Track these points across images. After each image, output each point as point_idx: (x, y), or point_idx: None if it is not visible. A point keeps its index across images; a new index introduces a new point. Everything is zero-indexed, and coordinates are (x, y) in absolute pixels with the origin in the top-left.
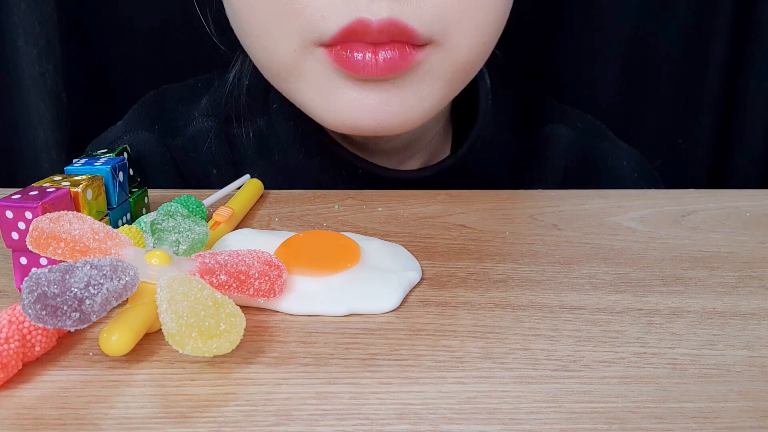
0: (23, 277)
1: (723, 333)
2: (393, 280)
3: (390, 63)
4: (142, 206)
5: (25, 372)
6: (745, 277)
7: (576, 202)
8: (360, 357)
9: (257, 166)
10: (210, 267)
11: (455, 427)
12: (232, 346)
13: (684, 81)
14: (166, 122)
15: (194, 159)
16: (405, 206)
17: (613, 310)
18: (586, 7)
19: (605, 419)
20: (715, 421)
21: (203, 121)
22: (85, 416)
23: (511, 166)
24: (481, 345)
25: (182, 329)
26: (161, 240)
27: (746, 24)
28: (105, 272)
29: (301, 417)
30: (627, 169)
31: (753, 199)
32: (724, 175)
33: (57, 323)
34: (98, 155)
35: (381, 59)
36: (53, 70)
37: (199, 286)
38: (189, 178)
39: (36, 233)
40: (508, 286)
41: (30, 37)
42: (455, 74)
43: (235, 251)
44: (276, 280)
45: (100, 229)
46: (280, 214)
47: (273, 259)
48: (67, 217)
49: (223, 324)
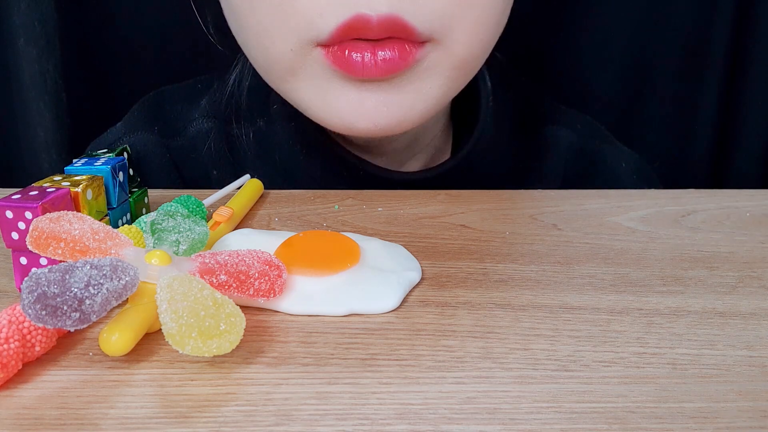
0: (23, 277)
1: (723, 333)
2: (393, 280)
3: (389, 63)
4: (142, 206)
5: (25, 372)
6: (745, 277)
7: (576, 202)
8: (360, 357)
9: (257, 166)
10: (210, 267)
11: (455, 427)
12: (232, 346)
13: (684, 81)
14: (166, 123)
15: (194, 159)
16: (405, 206)
17: (613, 310)
18: (586, 7)
19: (605, 419)
20: (715, 421)
21: (203, 121)
22: (85, 416)
23: (511, 168)
24: (481, 345)
25: (182, 329)
26: (161, 240)
27: (746, 24)
28: (105, 272)
29: (301, 417)
30: (626, 170)
31: (753, 199)
32: (724, 175)
33: (57, 323)
34: (98, 155)
35: (380, 59)
36: (53, 70)
37: (199, 286)
38: (189, 178)
39: (36, 233)
40: (508, 286)
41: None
42: (454, 72)
43: (235, 251)
44: (276, 280)
45: (100, 229)
46: (280, 214)
47: (273, 259)
48: (67, 217)
49: (223, 324)
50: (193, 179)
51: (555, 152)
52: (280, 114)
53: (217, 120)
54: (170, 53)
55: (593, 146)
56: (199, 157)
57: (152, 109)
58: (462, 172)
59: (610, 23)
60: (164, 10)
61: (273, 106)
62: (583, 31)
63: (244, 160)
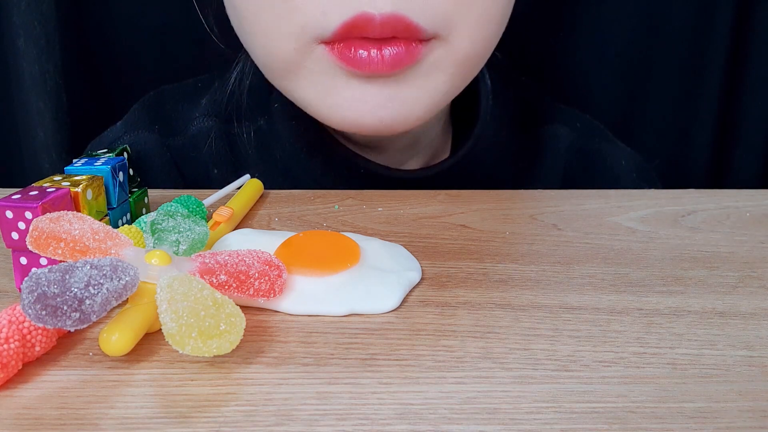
0: (23, 277)
1: (723, 333)
2: (393, 280)
3: (396, 58)
4: (142, 206)
5: (25, 372)
6: (745, 277)
7: (576, 202)
8: (360, 357)
9: (258, 165)
10: (210, 267)
11: (455, 427)
12: (232, 346)
13: (684, 81)
14: (167, 122)
15: (195, 159)
16: (405, 206)
17: (613, 310)
18: (585, 7)
19: (605, 419)
20: (715, 421)
21: (204, 120)
22: (85, 416)
23: (510, 166)
24: (481, 345)
25: (182, 329)
26: (161, 240)
27: (746, 24)
28: (105, 272)
29: (301, 417)
30: (625, 168)
31: (753, 199)
32: (724, 174)
33: (57, 323)
34: (98, 155)
35: (387, 55)
36: (53, 70)
37: (199, 286)
38: (189, 177)
39: (36, 233)
40: (508, 286)
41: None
42: (458, 68)
43: (235, 251)
44: (276, 280)
45: (100, 229)
46: (280, 214)
47: (273, 259)
48: (67, 217)
49: (223, 324)
50: (193, 178)
51: (554, 151)
52: (282, 113)
53: (218, 119)
54: (170, 53)
55: (593, 145)
56: (200, 156)
57: (152, 109)
58: (462, 170)
59: (610, 23)
60: (164, 10)
61: (274, 105)
62: (583, 31)
63: (245, 158)
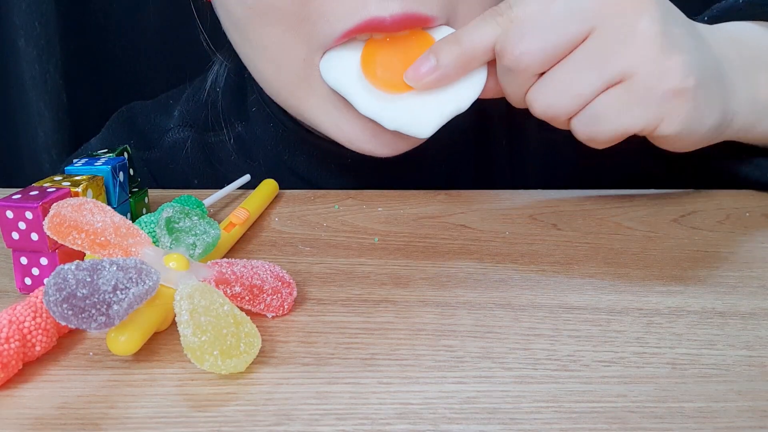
0: (23, 277)
1: (723, 333)
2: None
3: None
4: (143, 206)
5: (25, 372)
6: (744, 277)
7: (576, 202)
8: (360, 357)
9: (240, 170)
10: (226, 277)
11: (455, 427)
12: (246, 366)
13: None
14: (142, 135)
15: (172, 170)
16: (405, 206)
17: (613, 310)
18: None
19: (605, 419)
20: (715, 421)
21: (179, 131)
22: (85, 416)
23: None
24: (481, 345)
25: (204, 346)
26: (179, 241)
27: None
28: (131, 275)
29: (301, 417)
30: None
31: (753, 199)
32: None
33: (81, 324)
34: (98, 155)
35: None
36: (53, 70)
37: (220, 300)
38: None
39: (57, 219)
40: (508, 286)
41: (30, 37)
42: None
43: (249, 262)
44: (287, 298)
45: (122, 224)
46: (280, 214)
47: (285, 275)
48: (88, 206)
49: (242, 344)
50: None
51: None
52: (259, 116)
53: (193, 129)
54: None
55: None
56: (177, 168)
57: (126, 123)
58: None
59: None
60: (164, 10)
61: (252, 109)
62: None
63: (225, 165)
